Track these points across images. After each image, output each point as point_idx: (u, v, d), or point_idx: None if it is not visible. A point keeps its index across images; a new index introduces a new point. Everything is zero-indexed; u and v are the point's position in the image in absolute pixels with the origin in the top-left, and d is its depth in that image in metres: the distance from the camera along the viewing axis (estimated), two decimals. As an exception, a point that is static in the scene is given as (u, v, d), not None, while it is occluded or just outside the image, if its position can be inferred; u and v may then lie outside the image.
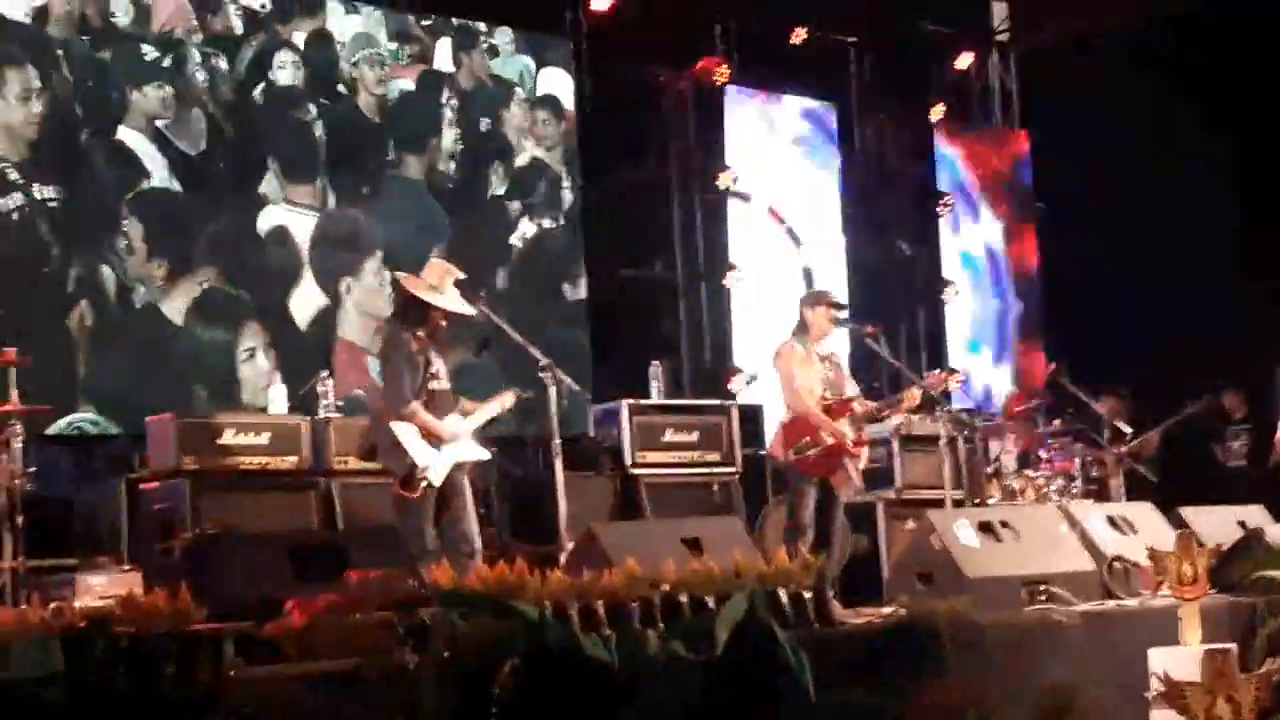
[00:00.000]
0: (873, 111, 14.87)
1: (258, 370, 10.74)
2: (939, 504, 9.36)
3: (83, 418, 10.00)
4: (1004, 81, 15.80)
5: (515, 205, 12.46)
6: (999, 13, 15.66)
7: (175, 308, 10.54)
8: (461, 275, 7.84)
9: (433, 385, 7.59)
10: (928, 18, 14.92)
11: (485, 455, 7.83)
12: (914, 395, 8.73)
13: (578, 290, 12.60)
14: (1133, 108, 13.62)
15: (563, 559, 6.79)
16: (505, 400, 7.85)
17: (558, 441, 7.63)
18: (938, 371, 9.06)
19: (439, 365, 7.67)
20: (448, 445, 7.49)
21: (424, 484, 7.39)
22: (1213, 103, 13.25)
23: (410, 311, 7.69)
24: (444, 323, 7.69)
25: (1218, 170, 13.25)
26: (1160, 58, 13.49)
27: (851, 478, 8.32)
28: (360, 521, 8.61)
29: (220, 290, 10.73)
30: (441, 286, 7.64)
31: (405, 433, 7.43)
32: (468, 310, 7.78)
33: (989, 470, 10.87)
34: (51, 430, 9.62)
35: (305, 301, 11.21)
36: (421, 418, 7.45)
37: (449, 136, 12.12)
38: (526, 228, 12.48)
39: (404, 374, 7.55)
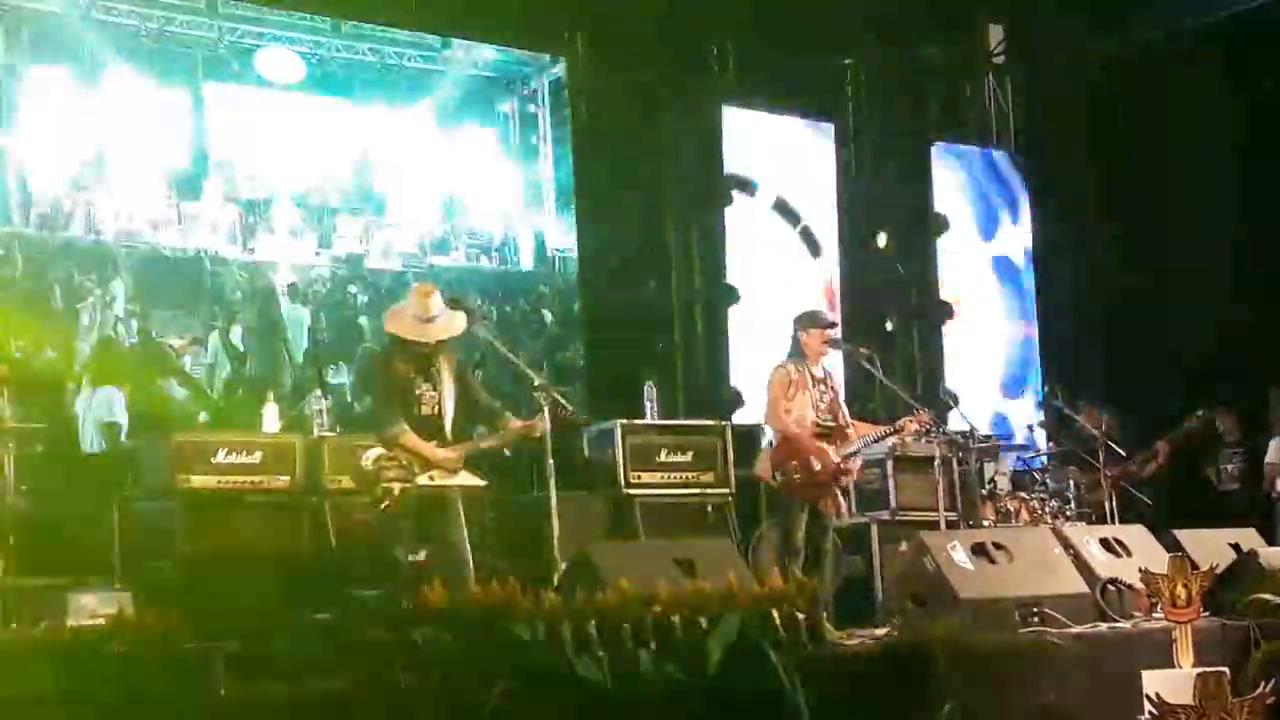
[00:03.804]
0: (870, 132, 14.89)
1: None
2: (933, 525, 9.34)
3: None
4: (1000, 103, 15.81)
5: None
6: (995, 35, 15.67)
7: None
8: (438, 292, 7.61)
9: (415, 410, 7.41)
10: (925, 39, 14.94)
11: (478, 483, 7.69)
12: (907, 426, 8.53)
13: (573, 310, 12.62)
14: (1132, 128, 13.65)
15: (556, 579, 6.77)
16: (505, 433, 7.68)
17: (551, 461, 7.58)
18: (919, 412, 8.85)
19: (425, 390, 7.43)
20: (437, 472, 7.38)
21: (385, 505, 7.30)
22: (1213, 122, 13.26)
23: (395, 339, 7.56)
24: (427, 351, 7.41)
25: (1217, 190, 13.24)
26: (1159, 78, 13.51)
27: (840, 504, 8.27)
28: (352, 541, 8.56)
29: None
30: (425, 311, 7.40)
31: (375, 455, 7.31)
32: (436, 337, 7.40)
33: (983, 492, 10.84)
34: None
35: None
36: (408, 440, 7.30)
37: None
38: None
39: (384, 399, 7.45)
